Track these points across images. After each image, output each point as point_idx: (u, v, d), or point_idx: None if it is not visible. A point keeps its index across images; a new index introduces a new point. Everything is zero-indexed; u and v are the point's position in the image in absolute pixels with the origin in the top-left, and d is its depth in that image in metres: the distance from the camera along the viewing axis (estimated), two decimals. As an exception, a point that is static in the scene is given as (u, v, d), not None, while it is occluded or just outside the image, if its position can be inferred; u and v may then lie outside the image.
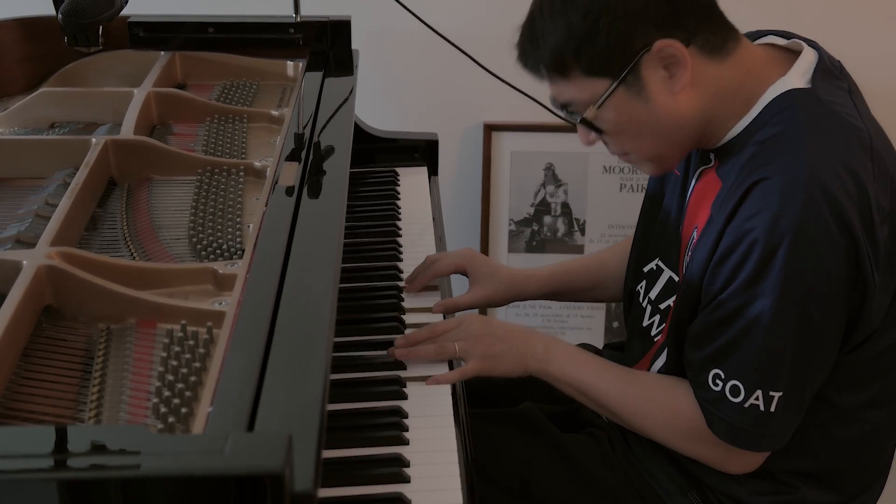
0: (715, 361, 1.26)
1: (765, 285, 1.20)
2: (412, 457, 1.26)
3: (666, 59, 1.23)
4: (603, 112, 1.26)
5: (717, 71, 1.26)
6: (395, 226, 1.81)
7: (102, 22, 1.48)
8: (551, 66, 1.26)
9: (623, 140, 1.31)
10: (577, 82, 1.26)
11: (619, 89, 1.24)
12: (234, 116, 1.71)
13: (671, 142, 1.30)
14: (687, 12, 1.23)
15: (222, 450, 0.84)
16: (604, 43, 1.21)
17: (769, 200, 1.18)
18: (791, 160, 1.19)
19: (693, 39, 1.23)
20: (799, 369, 1.23)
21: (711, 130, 1.30)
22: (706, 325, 1.27)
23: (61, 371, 1.11)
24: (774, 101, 1.25)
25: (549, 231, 2.58)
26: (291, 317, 1.13)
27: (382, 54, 2.40)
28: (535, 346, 1.41)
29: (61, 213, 1.29)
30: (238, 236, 1.34)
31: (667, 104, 1.25)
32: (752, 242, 1.19)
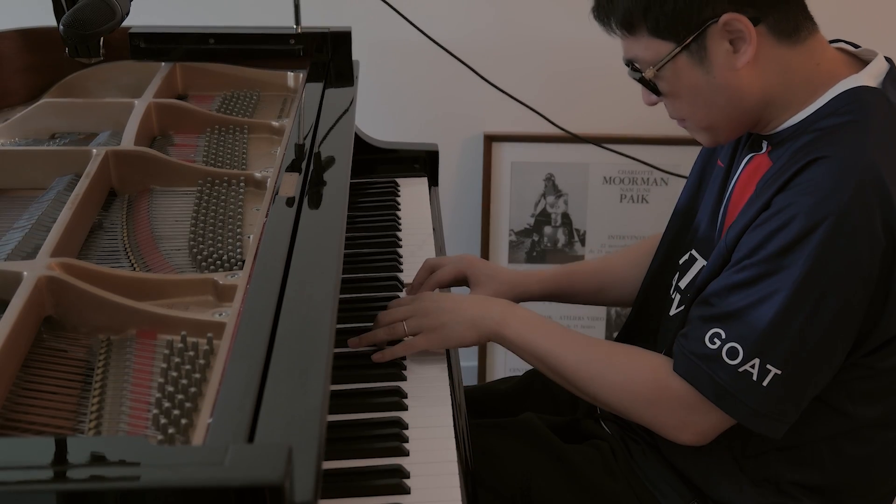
0: (720, 320, 1.25)
1: (793, 258, 1.19)
2: (412, 468, 1.26)
3: (732, 33, 1.24)
4: (663, 74, 1.28)
5: (784, 54, 1.26)
6: (395, 236, 1.81)
7: (104, 33, 1.48)
8: (620, 21, 1.28)
9: (680, 105, 1.32)
10: (643, 41, 1.27)
11: (682, 55, 1.26)
12: (235, 127, 1.71)
13: (726, 115, 1.30)
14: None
15: (222, 461, 0.83)
16: (672, 7, 1.23)
17: (823, 178, 1.19)
18: (854, 145, 1.20)
19: (763, 18, 1.24)
20: (801, 353, 1.22)
21: (770, 114, 1.30)
22: (724, 286, 1.26)
23: (61, 382, 1.11)
24: (843, 94, 1.26)
25: (549, 241, 2.58)
26: (292, 327, 1.13)
27: (383, 65, 2.41)
28: (490, 311, 1.41)
29: (62, 224, 1.29)
30: (238, 247, 1.34)
31: (727, 77, 1.26)
32: (793, 215, 1.19)
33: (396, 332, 1.43)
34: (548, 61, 2.43)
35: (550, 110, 2.40)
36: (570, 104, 2.46)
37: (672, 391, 1.29)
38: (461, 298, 1.46)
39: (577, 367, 1.37)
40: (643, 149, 2.48)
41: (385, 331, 1.44)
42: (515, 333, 1.40)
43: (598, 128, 2.47)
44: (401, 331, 1.43)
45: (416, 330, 1.42)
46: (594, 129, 2.47)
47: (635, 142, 2.47)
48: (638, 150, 2.48)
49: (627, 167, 2.51)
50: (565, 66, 2.41)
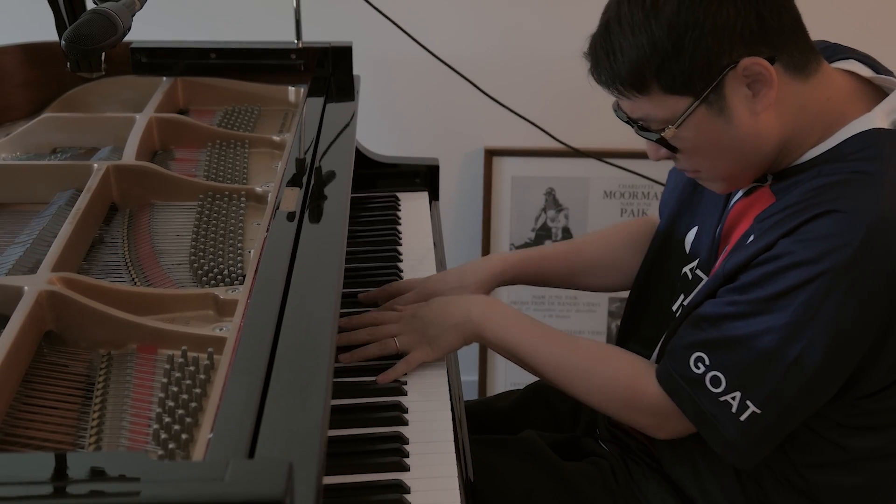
0: (707, 347, 1.24)
1: (787, 304, 1.18)
2: (413, 483, 1.25)
3: (751, 77, 1.18)
4: (681, 131, 1.22)
5: (798, 90, 1.22)
6: (395, 251, 1.81)
7: (105, 48, 1.48)
8: (629, 82, 1.20)
9: (698, 159, 1.27)
10: (656, 99, 1.21)
11: (701, 108, 1.20)
12: (236, 142, 1.71)
13: (747, 162, 1.26)
14: (774, 29, 1.18)
15: (223, 477, 0.83)
16: (689, 61, 1.17)
17: (831, 232, 1.16)
18: (867, 200, 1.16)
19: (778, 56, 1.19)
20: (781, 397, 1.21)
21: (785, 152, 1.26)
22: (716, 314, 1.24)
23: (62, 397, 1.11)
24: (856, 136, 1.22)
25: (549, 256, 2.58)
26: (292, 342, 1.12)
27: (384, 80, 2.41)
28: (470, 313, 1.40)
29: (63, 239, 1.29)
30: (239, 262, 1.34)
31: (749, 124, 1.21)
32: (795, 263, 1.17)
33: (388, 348, 1.42)
34: (548, 76, 2.44)
35: (551, 125, 2.40)
36: (570, 119, 2.47)
37: (650, 398, 1.30)
38: (443, 304, 1.44)
39: (556, 369, 1.37)
40: (644, 163, 2.48)
41: (377, 347, 1.43)
42: (493, 333, 1.40)
43: (599, 142, 2.47)
44: (393, 347, 1.42)
45: (408, 346, 1.42)
46: (595, 143, 2.47)
47: (636, 156, 2.47)
48: (638, 164, 2.48)
49: (628, 181, 2.51)
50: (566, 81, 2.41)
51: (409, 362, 1.41)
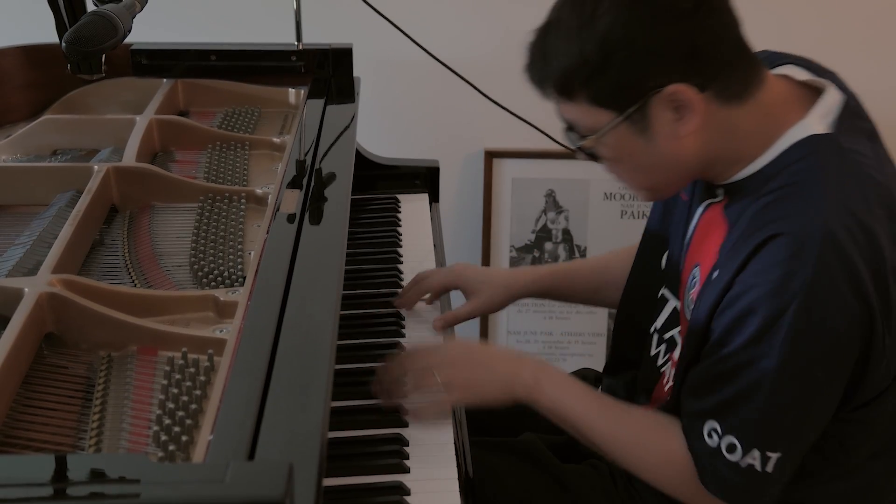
0: (713, 414, 1.22)
1: (770, 345, 1.16)
2: (413, 485, 1.25)
3: (676, 103, 1.17)
4: (602, 143, 1.22)
5: (730, 115, 1.20)
6: (396, 253, 1.81)
7: (105, 50, 1.49)
8: (557, 87, 1.20)
9: (619, 169, 1.27)
10: (582, 107, 1.20)
11: (623, 125, 1.19)
12: (236, 143, 1.71)
13: (667, 179, 1.27)
14: (707, 59, 1.17)
15: (223, 479, 0.83)
16: (615, 77, 1.16)
17: (781, 258, 1.14)
18: (807, 217, 1.14)
19: (710, 86, 1.17)
20: (800, 431, 1.20)
21: (719, 168, 1.25)
22: (707, 377, 1.23)
23: (62, 399, 1.11)
24: (794, 146, 1.20)
25: (550, 257, 2.58)
26: (292, 344, 1.13)
27: (384, 82, 2.41)
28: (522, 371, 1.35)
29: (63, 240, 1.29)
30: (239, 263, 1.34)
31: (670, 146, 1.20)
32: (756, 300, 1.15)
33: (427, 383, 1.34)
34: (548, 78, 2.44)
35: (551, 127, 2.39)
36: (570, 120, 2.47)
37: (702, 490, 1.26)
38: (492, 351, 1.40)
39: (611, 439, 1.32)
40: (644, 165, 2.48)
41: (415, 385, 1.35)
42: (549, 399, 1.34)
43: (599, 144, 2.48)
44: (432, 382, 1.34)
45: (447, 381, 1.34)
46: (595, 145, 2.47)
47: (636, 158, 2.47)
48: (638, 166, 2.48)
49: (628, 183, 2.52)
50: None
51: (442, 405, 1.35)
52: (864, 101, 1.31)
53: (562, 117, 1.26)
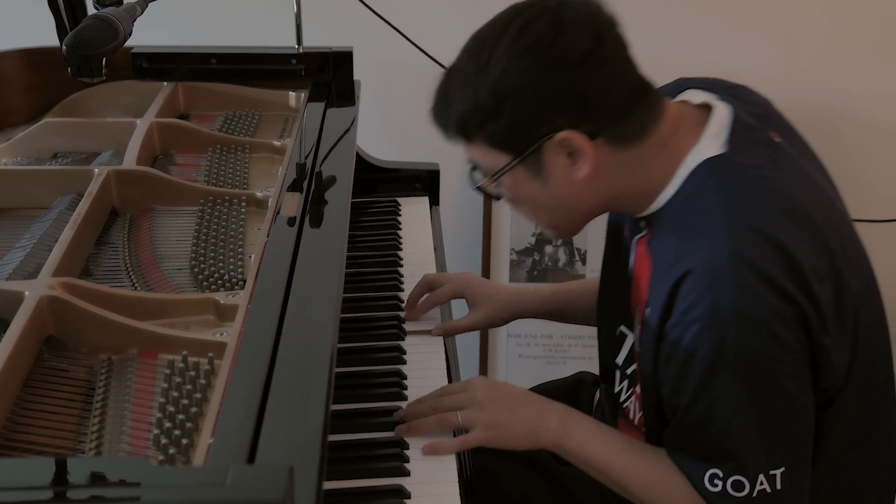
0: (707, 462, 1.21)
1: (725, 380, 1.16)
2: (413, 488, 1.25)
3: (568, 149, 1.20)
4: (501, 184, 1.26)
5: (628, 156, 1.22)
6: (396, 256, 1.81)
7: (106, 53, 1.49)
8: (455, 129, 1.24)
9: (521, 209, 1.31)
10: (480, 149, 1.24)
11: (519, 167, 1.22)
12: (237, 147, 1.71)
13: (569, 218, 1.29)
14: (597, 108, 1.19)
15: (223, 482, 0.83)
16: (507, 123, 1.19)
17: (700, 294, 1.14)
18: (711, 247, 1.15)
19: (602, 132, 1.19)
20: (792, 438, 1.20)
21: (627, 202, 1.27)
22: (684, 432, 1.23)
23: (62, 402, 1.11)
24: (691, 174, 1.21)
25: (550, 261, 2.58)
26: (292, 347, 1.13)
27: (384, 85, 2.41)
28: (548, 418, 1.33)
29: (63, 244, 1.29)
30: (240, 266, 1.34)
31: (566, 189, 1.23)
32: (693, 341, 1.15)
33: (449, 422, 1.33)
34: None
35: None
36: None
37: None
38: (519, 394, 1.38)
39: (641, 486, 1.30)
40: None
41: (436, 420, 1.33)
42: (577, 445, 1.33)
43: (599, 147, 2.47)
44: (455, 421, 1.33)
45: (471, 423, 1.32)
46: (595, 148, 2.47)
47: (636, 161, 2.47)
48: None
49: (628, 186, 2.51)
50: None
51: (466, 442, 1.32)
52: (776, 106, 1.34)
53: (467, 158, 1.29)
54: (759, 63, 2.42)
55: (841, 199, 1.35)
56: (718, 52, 2.39)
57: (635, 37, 1.23)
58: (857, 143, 2.52)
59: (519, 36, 1.18)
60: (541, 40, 1.17)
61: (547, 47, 1.17)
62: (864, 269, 1.28)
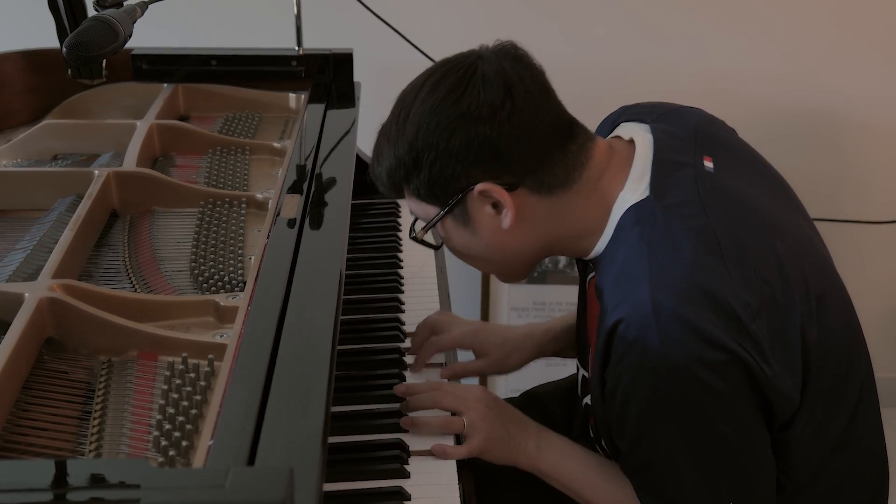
0: (658, 498, 1.23)
1: (658, 428, 1.17)
2: (413, 490, 1.25)
3: (490, 199, 1.22)
4: (436, 233, 1.30)
5: (553, 204, 1.24)
6: (396, 258, 1.81)
7: (106, 55, 1.49)
8: (386, 184, 1.29)
9: (460, 257, 1.33)
10: (413, 201, 1.28)
11: (447, 218, 1.26)
12: (237, 148, 1.71)
13: (506, 264, 1.31)
14: (513, 160, 1.20)
15: (223, 484, 0.83)
16: (427, 176, 1.23)
17: (628, 344, 1.15)
18: (636, 297, 1.15)
19: (522, 183, 1.21)
20: (740, 479, 1.21)
21: (565, 245, 1.28)
22: (630, 471, 1.26)
23: (62, 403, 1.11)
24: (619, 224, 1.22)
25: (550, 262, 2.58)
26: (292, 349, 1.13)
27: (384, 86, 2.41)
28: (527, 440, 1.37)
29: (63, 245, 1.29)
30: (240, 268, 1.34)
31: (495, 237, 1.25)
32: (626, 391, 1.17)
33: (454, 426, 1.35)
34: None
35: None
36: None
37: None
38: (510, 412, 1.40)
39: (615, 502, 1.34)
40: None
41: (442, 422, 1.36)
42: (549, 466, 1.36)
43: (599, 149, 2.47)
44: (460, 428, 1.35)
45: (473, 432, 1.34)
46: (595, 150, 2.47)
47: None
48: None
49: (628, 188, 2.51)
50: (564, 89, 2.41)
51: (471, 451, 1.34)
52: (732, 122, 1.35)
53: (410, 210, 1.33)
54: (761, 66, 2.42)
55: (796, 206, 1.34)
56: (721, 55, 2.39)
57: (638, 40, 1.23)
58: (857, 145, 2.52)
59: (431, 93, 1.22)
60: (450, 96, 1.21)
61: (454, 103, 1.20)
62: (815, 280, 1.26)
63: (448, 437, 1.35)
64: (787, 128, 2.46)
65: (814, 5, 2.40)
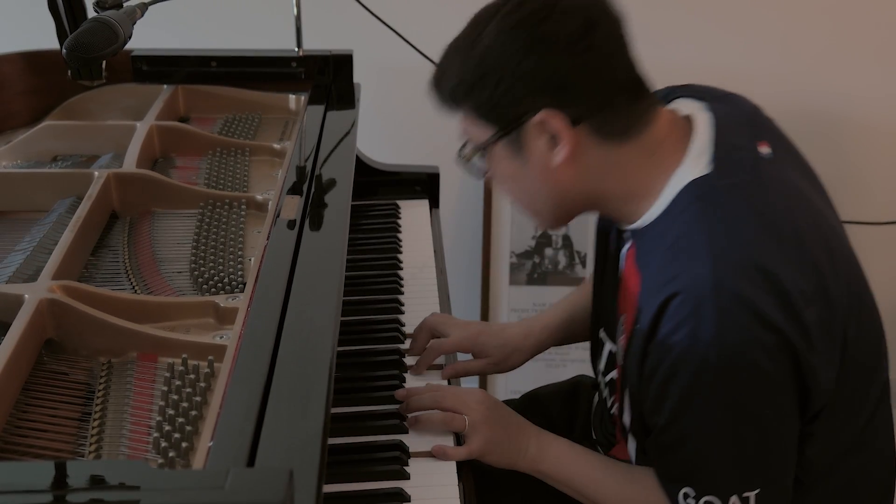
0: (681, 481, 1.22)
1: (701, 403, 1.17)
2: (413, 491, 1.25)
3: (549, 131, 1.19)
4: (485, 158, 1.27)
5: (609, 153, 1.22)
6: (396, 259, 1.81)
7: (106, 56, 1.49)
8: (447, 97, 1.26)
9: (503, 189, 1.31)
10: (469, 119, 1.25)
11: (501, 142, 1.23)
12: (237, 149, 1.71)
13: (548, 207, 1.29)
14: (581, 95, 1.19)
15: (223, 485, 0.83)
16: (492, 96, 1.20)
17: (682, 318, 1.14)
18: (695, 272, 1.15)
19: (584, 121, 1.19)
20: (767, 463, 1.20)
21: (611, 206, 1.27)
22: (660, 448, 1.24)
23: (62, 405, 1.11)
24: (678, 196, 1.21)
25: (550, 263, 2.58)
26: (292, 350, 1.13)
27: (384, 88, 2.42)
28: (527, 444, 1.37)
29: (63, 247, 1.29)
30: (239, 269, 1.34)
31: (543, 172, 1.23)
32: (674, 363, 1.16)
33: (455, 424, 1.36)
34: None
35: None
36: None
37: None
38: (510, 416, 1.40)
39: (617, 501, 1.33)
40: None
41: (443, 418, 1.36)
42: (550, 467, 1.36)
43: (599, 150, 2.47)
44: (462, 426, 1.35)
45: (474, 434, 1.35)
46: (595, 151, 2.47)
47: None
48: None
49: (628, 189, 2.51)
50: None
51: (471, 453, 1.34)
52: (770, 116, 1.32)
53: (461, 131, 1.30)
54: (759, 66, 2.42)
55: (832, 207, 1.34)
56: (720, 55, 2.39)
57: (636, 39, 1.23)
58: (856, 145, 2.52)
59: (510, 14, 1.19)
60: (529, 19, 1.18)
61: (534, 27, 1.18)
62: (854, 279, 1.27)
63: (448, 438, 1.35)
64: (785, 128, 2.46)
65: (811, 5, 2.41)
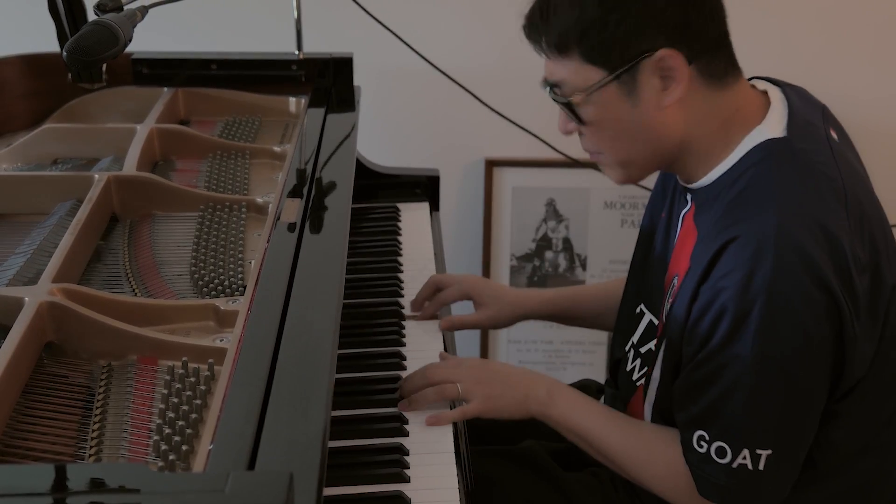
0: (699, 423, 1.24)
1: (740, 347, 1.18)
2: (413, 494, 1.25)
3: (664, 70, 1.22)
4: (589, 102, 1.25)
5: (709, 97, 1.25)
6: (396, 262, 1.81)
7: (106, 59, 1.49)
8: (553, 42, 1.24)
9: (600, 136, 1.30)
10: (574, 65, 1.24)
11: (612, 84, 1.23)
12: (237, 152, 1.71)
13: (645, 153, 1.29)
14: (698, 32, 1.22)
15: (223, 489, 0.83)
16: (610, 35, 1.21)
17: (740, 260, 1.16)
18: (761, 218, 1.17)
19: (696, 59, 1.22)
20: (787, 426, 1.21)
21: (687, 160, 1.29)
22: (687, 386, 1.25)
23: (62, 408, 1.11)
24: (752, 151, 1.24)
25: (550, 266, 2.58)
26: (293, 354, 1.12)
27: (384, 91, 2.42)
28: (537, 389, 1.39)
29: (63, 249, 1.29)
30: (240, 272, 1.34)
31: (653, 114, 1.24)
32: (724, 303, 1.17)
33: (448, 393, 1.37)
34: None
35: (551, 135, 2.41)
36: (570, 129, 2.47)
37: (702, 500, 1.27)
38: (510, 369, 1.44)
39: (621, 452, 1.35)
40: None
41: (436, 391, 1.38)
42: (560, 414, 1.38)
43: (599, 153, 2.48)
44: (454, 393, 1.37)
45: (470, 396, 1.37)
46: (595, 154, 2.47)
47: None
48: (639, 174, 2.48)
49: (628, 192, 2.52)
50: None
51: (465, 413, 1.37)
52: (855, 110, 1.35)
53: (550, 76, 1.29)
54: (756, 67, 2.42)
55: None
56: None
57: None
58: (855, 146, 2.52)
59: None
60: None
61: None
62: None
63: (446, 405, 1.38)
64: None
65: (808, 8, 2.41)
